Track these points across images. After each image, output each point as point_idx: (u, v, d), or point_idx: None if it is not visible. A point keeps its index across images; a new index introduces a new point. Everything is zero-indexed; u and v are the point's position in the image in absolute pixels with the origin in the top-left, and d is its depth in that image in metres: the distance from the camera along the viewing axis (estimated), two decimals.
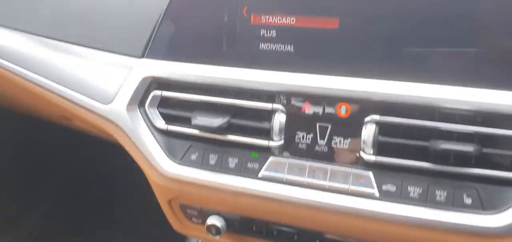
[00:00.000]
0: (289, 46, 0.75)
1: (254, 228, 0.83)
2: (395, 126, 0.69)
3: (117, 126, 0.85)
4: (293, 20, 0.74)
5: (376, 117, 0.70)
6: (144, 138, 0.82)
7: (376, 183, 0.70)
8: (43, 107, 1.12)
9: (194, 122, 0.78)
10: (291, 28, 0.74)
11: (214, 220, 0.83)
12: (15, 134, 1.59)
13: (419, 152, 0.68)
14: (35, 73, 0.94)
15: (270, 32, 0.75)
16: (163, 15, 0.81)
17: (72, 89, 0.89)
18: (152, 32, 0.82)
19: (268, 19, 0.75)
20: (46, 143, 1.64)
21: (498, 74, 0.65)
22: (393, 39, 0.69)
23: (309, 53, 0.74)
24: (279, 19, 0.75)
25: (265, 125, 0.76)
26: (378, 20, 0.70)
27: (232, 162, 0.78)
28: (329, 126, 0.73)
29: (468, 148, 0.64)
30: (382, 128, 0.70)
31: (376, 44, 0.70)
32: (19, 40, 0.98)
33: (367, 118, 0.70)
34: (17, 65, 0.96)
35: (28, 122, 1.45)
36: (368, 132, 0.70)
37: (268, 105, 0.76)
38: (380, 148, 0.70)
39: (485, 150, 0.65)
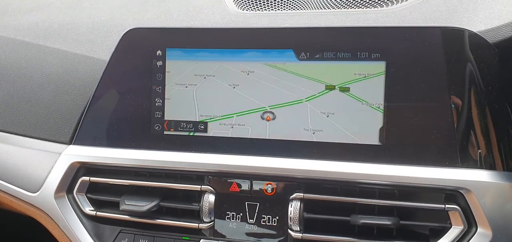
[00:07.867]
0: None
1: None
2: (319, 203, 0.71)
3: (45, 213, 0.82)
4: None
5: (300, 195, 0.71)
6: (72, 226, 0.80)
7: None
8: None
9: (122, 206, 0.77)
10: None
11: None
12: None
13: (344, 227, 0.70)
14: None
15: None
16: (90, 101, 0.81)
17: None
18: (80, 119, 0.82)
19: None
20: None
21: (410, 152, 0.68)
22: (303, 120, 0.73)
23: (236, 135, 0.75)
24: None
25: (194, 206, 0.76)
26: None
27: None
28: (258, 205, 0.74)
29: (386, 221, 0.66)
30: (307, 205, 0.72)
31: (290, 126, 0.73)
32: None
33: (292, 196, 0.72)
34: None
35: None
36: (294, 209, 0.71)
37: (196, 187, 0.76)
38: (306, 225, 0.72)
39: (402, 222, 0.67)
